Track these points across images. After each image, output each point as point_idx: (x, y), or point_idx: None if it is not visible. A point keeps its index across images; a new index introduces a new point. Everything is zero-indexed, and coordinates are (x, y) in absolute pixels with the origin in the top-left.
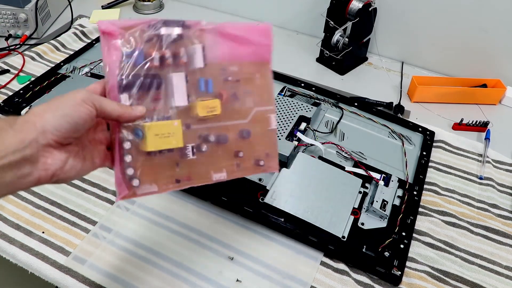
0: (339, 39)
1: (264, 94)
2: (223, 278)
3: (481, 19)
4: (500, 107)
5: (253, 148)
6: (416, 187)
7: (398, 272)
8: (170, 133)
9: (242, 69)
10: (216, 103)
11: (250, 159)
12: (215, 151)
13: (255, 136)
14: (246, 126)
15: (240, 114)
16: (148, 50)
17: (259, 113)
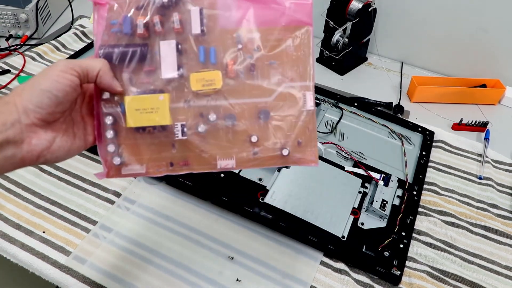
0: (339, 39)
1: (298, 67)
2: (223, 278)
3: (480, 19)
4: (500, 107)
5: (275, 133)
6: (416, 187)
7: (398, 272)
8: (154, 109)
9: (266, 35)
10: (214, 75)
11: (271, 146)
12: (220, 133)
13: (281, 119)
14: (269, 105)
15: (260, 90)
16: (136, 18)
17: (288, 91)
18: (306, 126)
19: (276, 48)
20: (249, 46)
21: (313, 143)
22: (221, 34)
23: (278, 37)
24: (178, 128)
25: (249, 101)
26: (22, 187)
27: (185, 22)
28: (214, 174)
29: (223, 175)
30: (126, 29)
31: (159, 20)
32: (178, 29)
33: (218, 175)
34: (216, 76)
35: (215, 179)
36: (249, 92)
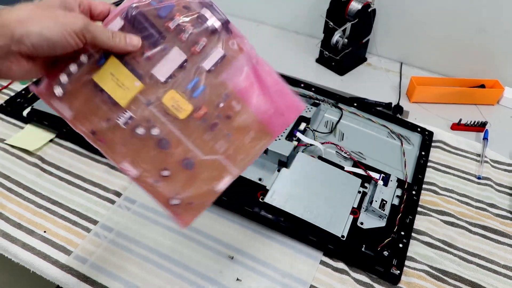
0: (338, 40)
1: (241, 156)
2: (223, 277)
3: (479, 19)
4: (498, 108)
5: (183, 182)
6: (415, 186)
7: (397, 271)
8: (124, 86)
9: (243, 115)
10: (186, 106)
11: (170, 189)
12: (149, 147)
13: (195, 177)
14: (197, 160)
15: (202, 146)
16: (177, 12)
17: (218, 164)
18: (205, 198)
19: (241, 128)
20: (226, 110)
21: (197, 211)
22: (219, 83)
23: (248, 122)
24: (126, 116)
25: (189, 144)
26: (23, 186)
27: (205, 52)
28: None
29: None
30: (162, 12)
31: (190, 31)
32: (196, 51)
33: None
34: (186, 108)
35: None
36: (196, 139)
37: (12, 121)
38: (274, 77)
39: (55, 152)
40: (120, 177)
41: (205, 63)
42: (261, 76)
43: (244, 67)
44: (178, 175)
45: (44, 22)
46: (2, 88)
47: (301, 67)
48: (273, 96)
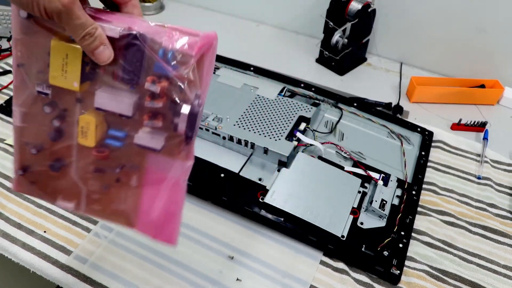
0: (338, 40)
1: (98, 207)
2: (223, 277)
3: (479, 19)
4: (498, 108)
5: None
6: (415, 186)
7: (397, 271)
8: (65, 73)
9: (129, 193)
10: (90, 142)
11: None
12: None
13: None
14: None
15: (81, 172)
16: (164, 80)
17: (78, 190)
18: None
19: (117, 197)
20: (123, 174)
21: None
22: (137, 155)
23: (126, 201)
24: (40, 89)
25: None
26: None
27: (149, 131)
28: (214, 174)
29: (223, 175)
30: (157, 68)
31: (155, 105)
32: (143, 123)
33: (218, 175)
34: (89, 142)
35: (215, 179)
36: (79, 162)
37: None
38: (177, 209)
39: None
40: None
41: (139, 138)
42: (171, 195)
43: (167, 174)
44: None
45: None
46: (2, 88)
47: (301, 67)
48: (164, 214)
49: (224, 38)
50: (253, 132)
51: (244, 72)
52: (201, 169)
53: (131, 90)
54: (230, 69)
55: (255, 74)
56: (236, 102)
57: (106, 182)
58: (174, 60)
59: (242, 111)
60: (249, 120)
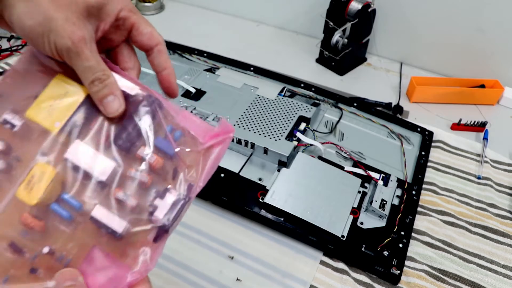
0: (338, 40)
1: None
2: (223, 277)
3: (479, 19)
4: (498, 108)
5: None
6: (415, 186)
7: (397, 271)
8: (51, 108)
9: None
10: (32, 198)
11: None
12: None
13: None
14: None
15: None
16: (160, 159)
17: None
18: None
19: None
20: (51, 259)
21: None
22: (84, 241)
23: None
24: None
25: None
26: None
27: (112, 218)
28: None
29: (223, 175)
30: (160, 141)
31: (129, 196)
32: (113, 196)
33: (218, 175)
34: (31, 198)
35: (215, 179)
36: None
37: None
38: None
39: None
40: None
41: (99, 211)
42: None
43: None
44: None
45: (35, 8)
46: None
47: (301, 67)
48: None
49: (224, 38)
50: (253, 132)
51: (244, 72)
52: None
53: (121, 161)
54: (230, 69)
55: (255, 74)
56: (236, 102)
57: (16, 267)
58: (180, 141)
59: (242, 111)
60: (249, 120)
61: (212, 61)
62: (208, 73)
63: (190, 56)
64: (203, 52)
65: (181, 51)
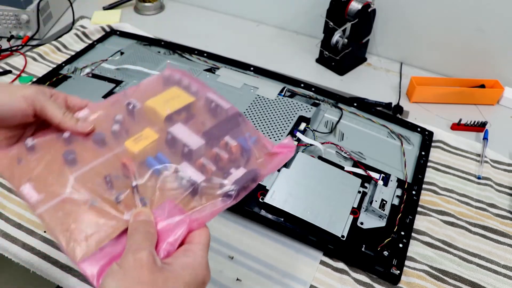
0: (338, 40)
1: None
2: (223, 277)
3: (479, 19)
4: (498, 108)
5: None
6: (415, 186)
7: (397, 271)
8: (165, 104)
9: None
10: (139, 145)
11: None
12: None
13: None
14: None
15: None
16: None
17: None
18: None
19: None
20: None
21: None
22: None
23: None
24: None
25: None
26: None
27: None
28: None
29: None
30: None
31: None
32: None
33: None
34: (134, 146)
35: None
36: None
37: None
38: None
39: None
40: None
41: (185, 168)
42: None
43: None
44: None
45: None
46: None
47: (301, 67)
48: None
49: (224, 38)
50: None
51: (244, 72)
52: None
53: (204, 135)
54: (230, 69)
55: (255, 74)
56: (236, 102)
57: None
58: (254, 144)
59: (242, 111)
60: (249, 120)
61: (212, 61)
62: (208, 73)
63: (190, 56)
64: (203, 52)
65: (181, 51)
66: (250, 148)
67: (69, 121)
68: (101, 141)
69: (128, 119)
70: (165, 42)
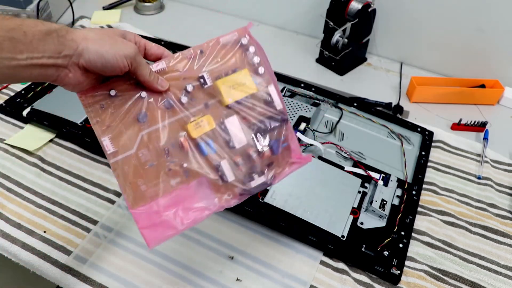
0: (338, 40)
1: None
2: (223, 277)
3: (479, 20)
4: (498, 107)
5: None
6: (415, 186)
7: (397, 271)
8: (230, 90)
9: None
10: (199, 132)
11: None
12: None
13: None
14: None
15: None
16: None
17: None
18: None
19: None
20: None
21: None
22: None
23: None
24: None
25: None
26: (23, 187)
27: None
28: None
29: None
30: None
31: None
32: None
33: None
34: (193, 132)
35: None
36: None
37: (12, 121)
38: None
39: (55, 152)
40: None
41: (223, 166)
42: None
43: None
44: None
45: (103, 43)
46: (2, 88)
47: (301, 67)
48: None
49: None
50: None
51: None
52: None
53: (249, 132)
54: None
55: None
56: None
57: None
58: (282, 149)
59: None
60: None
61: None
62: None
63: None
64: None
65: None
66: (278, 153)
67: (153, 80)
68: (170, 107)
69: (197, 93)
70: (165, 42)
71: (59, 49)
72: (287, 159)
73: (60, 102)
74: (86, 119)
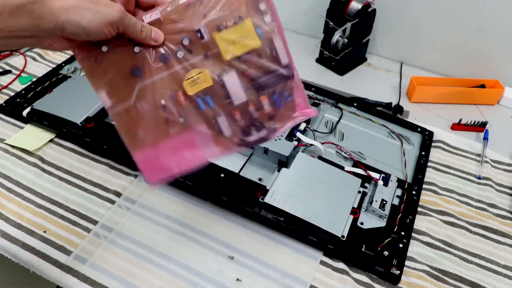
0: (338, 40)
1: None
2: (223, 277)
3: (479, 19)
4: (498, 107)
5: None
6: (415, 187)
7: (397, 271)
8: (230, 46)
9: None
10: (195, 89)
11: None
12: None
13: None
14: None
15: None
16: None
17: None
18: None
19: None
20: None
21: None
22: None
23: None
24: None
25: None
26: (23, 187)
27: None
28: (214, 174)
29: (223, 175)
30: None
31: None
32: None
33: (218, 175)
34: (190, 89)
35: (215, 179)
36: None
37: (12, 121)
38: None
39: (55, 152)
40: (120, 177)
41: (220, 121)
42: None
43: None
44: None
45: (84, 12)
46: (2, 88)
47: (301, 67)
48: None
49: None
50: None
51: None
52: (201, 169)
53: (249, 89)
54: None
55: None
56: None
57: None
58: (286, 102)
59: None
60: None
61: None
62: None
63: None
64: None
65: None
66: (280, 108)
67: (144, 37)
68: (165, 60)
69: (194, 46)
70: None
71: (36, 22)
72: (289, 113)
73: (60, 102)
74: (86, 119)
